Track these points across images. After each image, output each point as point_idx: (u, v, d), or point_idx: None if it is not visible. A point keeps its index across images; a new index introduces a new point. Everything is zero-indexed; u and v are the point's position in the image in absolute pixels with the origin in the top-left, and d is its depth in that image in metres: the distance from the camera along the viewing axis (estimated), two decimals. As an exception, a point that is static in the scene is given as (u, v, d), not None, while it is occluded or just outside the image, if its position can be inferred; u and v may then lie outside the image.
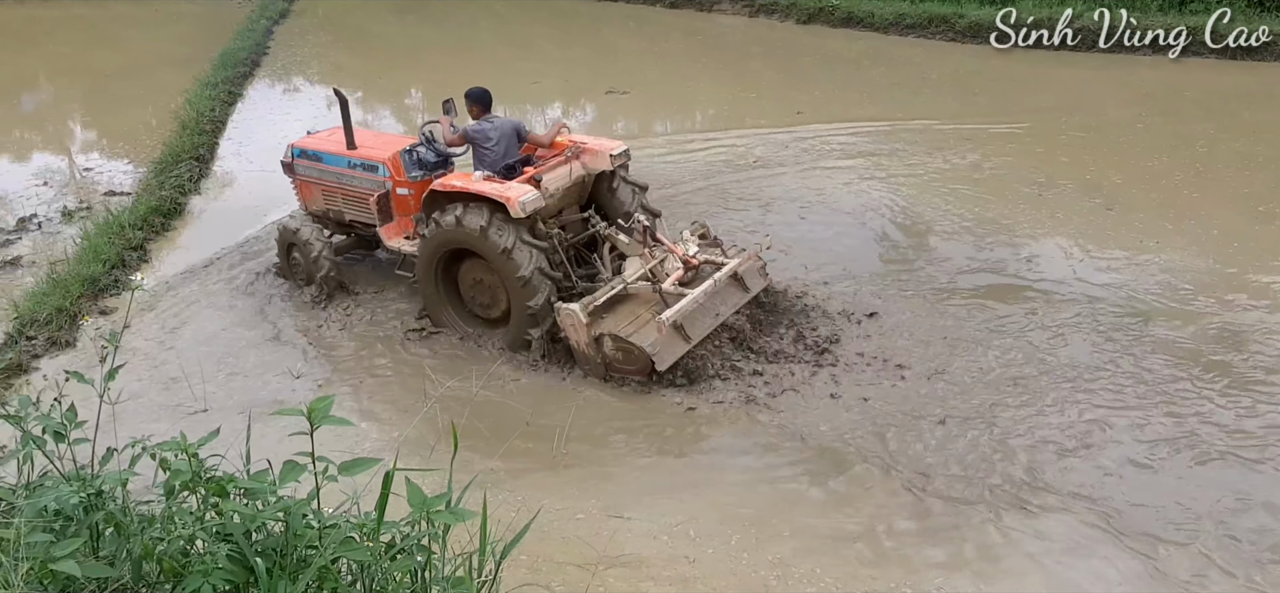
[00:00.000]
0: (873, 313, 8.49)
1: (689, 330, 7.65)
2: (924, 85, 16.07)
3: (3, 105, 18.79)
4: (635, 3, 23.26)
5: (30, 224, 11.73)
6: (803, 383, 7.46)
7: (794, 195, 11.30)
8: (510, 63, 19.05)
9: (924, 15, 19.07)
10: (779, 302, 8.69)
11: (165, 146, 13.35)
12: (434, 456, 3.74)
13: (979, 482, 6.18)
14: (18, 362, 8.26)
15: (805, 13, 20.55)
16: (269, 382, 7.94)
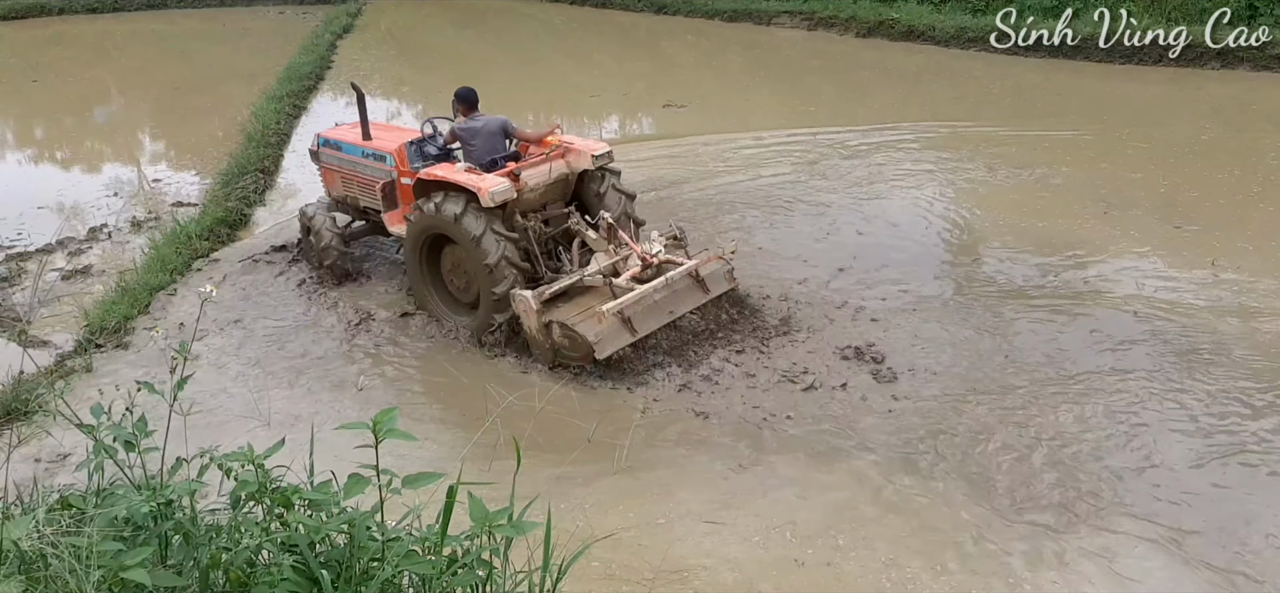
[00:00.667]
0: (928, 324, 8.40)
1: (636, 324, 7.99)
2: (986, 99, 15.87)
3: (75, 117, 19.28)
4: (694, 16, 23.29)
5: (101, 234, 12.00)
6: (858, 396, 7.38)
7: (853, 208, 11.21)
8: (569, 76, 19.16)
9: (986, 28, 18.85)
10: (835, 315, 8.67)
11: (231, 158, 13.59)
12: (495, 469, 3.74)
13: (1043, 497, 6.06)
14: (86, 367, 8.45)
15: (865, 26, 20.43)
16: (332, 393, 8.01)
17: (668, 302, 8.28)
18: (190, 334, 4.18)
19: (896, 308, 8.78)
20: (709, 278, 8.57)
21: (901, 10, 20.42)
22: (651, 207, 11.46)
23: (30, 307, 9.98)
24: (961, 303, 8.86)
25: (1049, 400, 7.17)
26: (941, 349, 8.02)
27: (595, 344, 7.76)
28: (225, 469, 2.61)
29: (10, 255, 11.33)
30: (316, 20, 24.64)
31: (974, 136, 13.62)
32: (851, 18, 20.73)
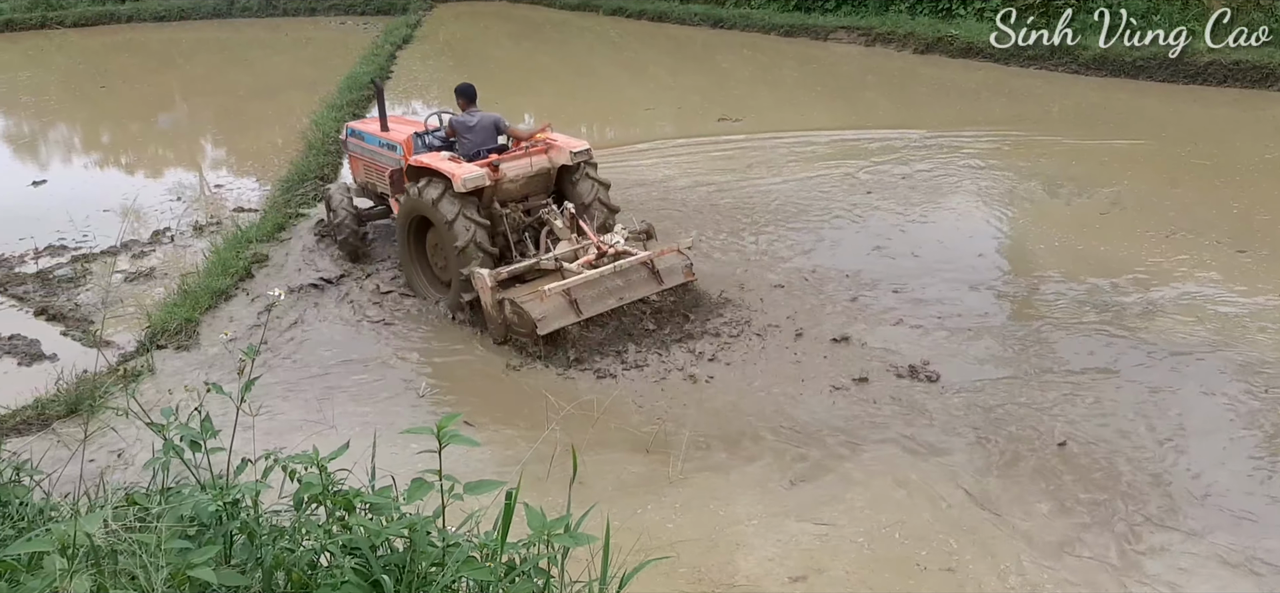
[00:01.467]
0: (980, 343, 8.37)
1: (582, 306, 8.64)
2: (1045, 117, 15.66)
3: (141, 123, 19.71)
4: (751, 31, 23.25)
5: (163, 237, 12.23)
6: (920, 408, 7.32)
7: (906, 225, 11.09)
8: (624, 89, 19.21)
9: (1047, 47, 18.61)
10: (888, 330, 8.69)
11: (292, 165, 13.78)
12: (553, 478, 3.75)
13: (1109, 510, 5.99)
14: (149, 367, 8.61)
15: (923, 43, 20.26)
16: (394, 397, 8.08)
17: (619, 288, 8.91)
18: (258, 337, 4.25)
19: (954, 329, 8.68)
20: (664, 270, 9.14)
21: (960, 27, 20.24)
22: (702, 214, 11.48)
23: (95, 307, 10.19)
24: (1016, 326, 8.74)
25: (1107, 421, 7.05)
26: (996, 369, 7.92)
27: (539, 321, 8.43)
28: (289, 471, 2.64)
29: (76, 257, 11.59)
30: (377, 31, 24.94)
31: (1033, 155, 13.44)
32: (909, 34, 20.58)
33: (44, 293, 10.60)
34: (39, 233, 12.21)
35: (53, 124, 20.05)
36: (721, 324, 9.03)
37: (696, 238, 9.81)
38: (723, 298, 9.53)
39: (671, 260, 9.25)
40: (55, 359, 9.08)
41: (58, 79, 24.27)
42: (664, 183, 13.01)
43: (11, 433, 7.35)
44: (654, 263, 9.11)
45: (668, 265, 9.21)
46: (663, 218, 11.58)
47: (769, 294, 9.60)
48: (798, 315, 9.10)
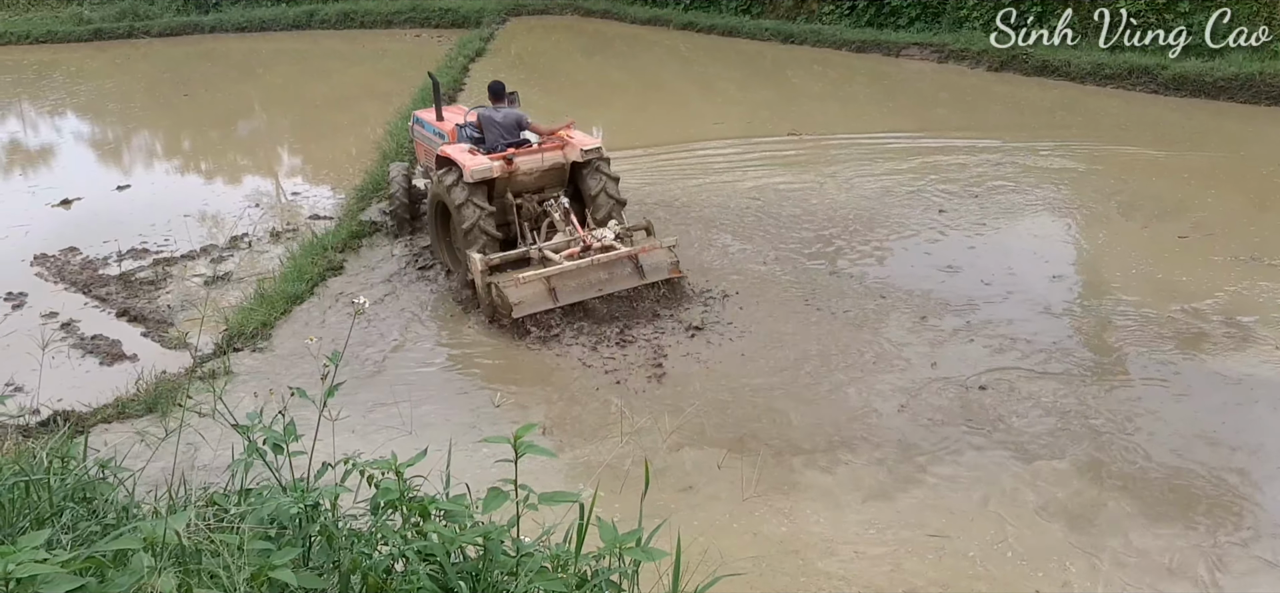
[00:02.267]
0: (1050, 372, 8.20)
1: (559, 294, 9.34)
2: (1122, 137, 15.31)
3: (221, 131, 20.16)
4: (821, 46, 23.08)
5: (241, 243, 12.49)
6: (997, 425, 7.20)
7: (978, 247, 10.91)
8: (693, 103, 19.18)
9: (1124, 66, 18.20)
10: (954, 351, 8.60)
11: (366, 174, 13.99)
12: (625, 490, 3.74)
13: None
14: (226, 369, 8.79)
15: (996, 60, 19.94)
16: (472, 404, 8.15)
17: (602, 280, 9.54)
18: (341, 343, 4.31)
19: (1027, 351, 8.53)
20: (648, 266, 9.71)
21: (1036, 44, 19.90)
22: (765, 225, 11.43)
23: (175, 309, 10.44)
24: (1093, 349, 8.57)
25: (1188, 446, 6.87)
26: (1071, 390, 7.77)
27: (515, 305, 9.19)
28: (367, 476, 2.67)
29: (158, 260, 11.88)
30: (450, 43, 25.25)
31: (1109, 176, 13.14)
32: (983, 52, 20.27)
33: (126, 295, 10.89)
34: (123, 236, 12.56)
35: (137, 130, 20.62)
36: (787, 334, 8.98)
37: (678, 240, 10.39)
38: (792, 312, 9.47)
39: (657, 257, 9.78)
40: (135, 359, 9.33)
41: (143, 87, 24.94)
42: (727, 190, 12.97)
43: (93, 429, 7.55)
44: (638, 259, 9.67)
45: (653, 262, 9.74)
46: (715, 228, 11.58)
47: (838, 309, 9.52)
48: (867, 332, 9.01)
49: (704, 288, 10.15)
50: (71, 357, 9.50)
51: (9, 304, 10.84)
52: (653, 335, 9.17)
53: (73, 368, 9.27)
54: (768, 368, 8.51)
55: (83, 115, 22.04)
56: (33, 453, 3.52)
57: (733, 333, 9.20)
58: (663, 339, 9.10)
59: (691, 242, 11.33)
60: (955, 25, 21.84)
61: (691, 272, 10.35)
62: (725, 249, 11.24)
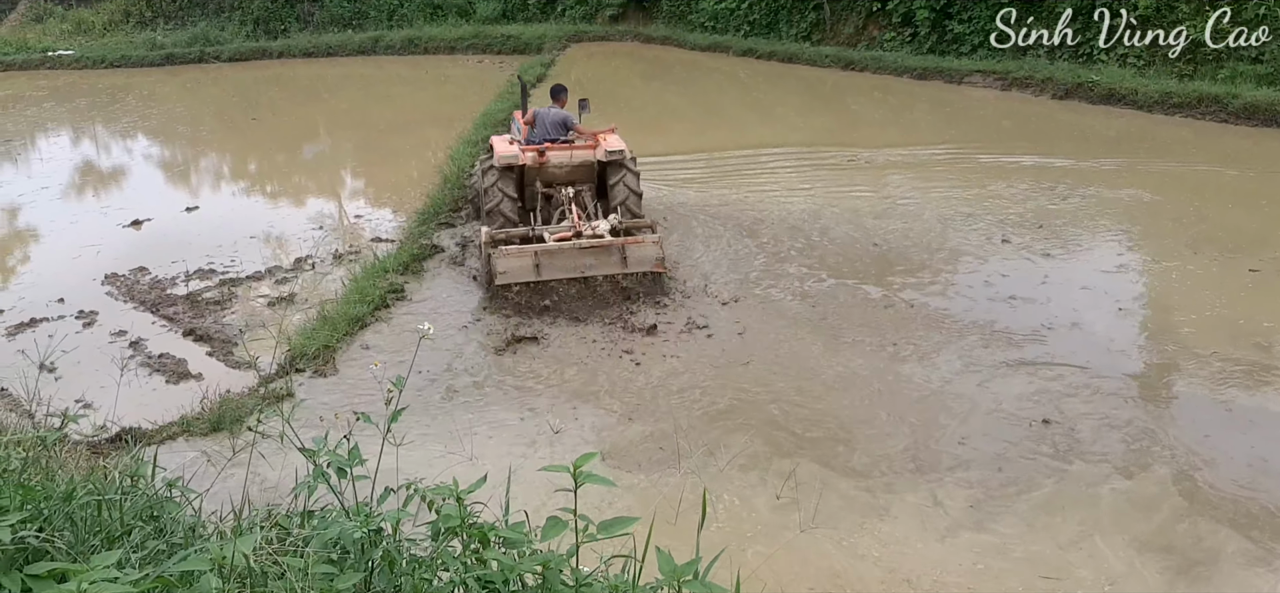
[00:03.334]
0: (1121, 410, 8.03)
1: (543, 270, 10.41)
2: (1192, 167, 15.03)
3: (287, 154, 20.54)
4: (882, 73, 22.98)
5: (305, 264, 12.68)
6: (1064, 458, 7.07)
7: (1039, 277, 10.74)
8: (752, 128, 19.15)
9: (1193, 94, 17.88)
10: (1025, 386, 8.37)
11: (428, 198, 14.15)
12: (683, 520, 3.73)
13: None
14: (288, 390, 8.92)
15: (1062, 88, 19.71)
16: (531, 432, 8.18)
17: (587, 264, 10.52)
18: (406, 368, 4.34)
19: (1088, 388, 8.38)
20: (632, 257, 10.59)
21: (1101, 73, 19.64)
22: (823, 249, 11.36)
23: (239, 330, 10.62)
24: (1160, 388, 8.40)
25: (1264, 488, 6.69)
26: (1136, 429, 7.62)
27: (499, 274, 10.40)
28: (429, 502, 2.69)
29: (223, 281, 12.11)
30: (512, 69, 25.51)
31: (1178, 207, 12.89)
32: (1048, 79, 20.05)
33: (192, 314, 11.11)
34: (190, 257, 12.82)
35: (205, 153, 21.06)
36: (845, 362, 8.91)
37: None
38: (847, 340, 9.40)
39: (642, 251, 10.66)
40: (200, 378, 9.50)
41: (212, 110, 25.51)
42: (781, 209, 12.92)
43: (159, 445, 7.70)
44: (624, 249, 10.56)
45: (638, 255, 10.64)
46: (779, 255, 11.53)
47: (898, 338, 9.43)
48: (927, 361, 8.92)
49: (757, 313, 10.12)
50: (139, 375, 9.70)
51: (80, 322, 11.11)
52: (709, 365, 9.15)
53: (140, 386, 9.47)
54: (827, 394, 8.46)
55: (154, 138, 22.58)
56: (105, 472, 3.60)
57: (790, 359, 9.15)
58: (717, 370, 9.08)
59: (752, 268, 11.32)
60: (1018, 53, 21.65)
61: (746, 297, 10.33)
62: (782, 270, 11.19)
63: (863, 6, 25.22)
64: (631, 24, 30.30)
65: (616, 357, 9.42)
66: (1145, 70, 19.52)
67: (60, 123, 24.85)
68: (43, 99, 27.35)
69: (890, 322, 9.90)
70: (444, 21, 32.43)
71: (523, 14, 32.44)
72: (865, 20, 25.27)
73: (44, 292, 11.95)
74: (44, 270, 13.19)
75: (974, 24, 22.81)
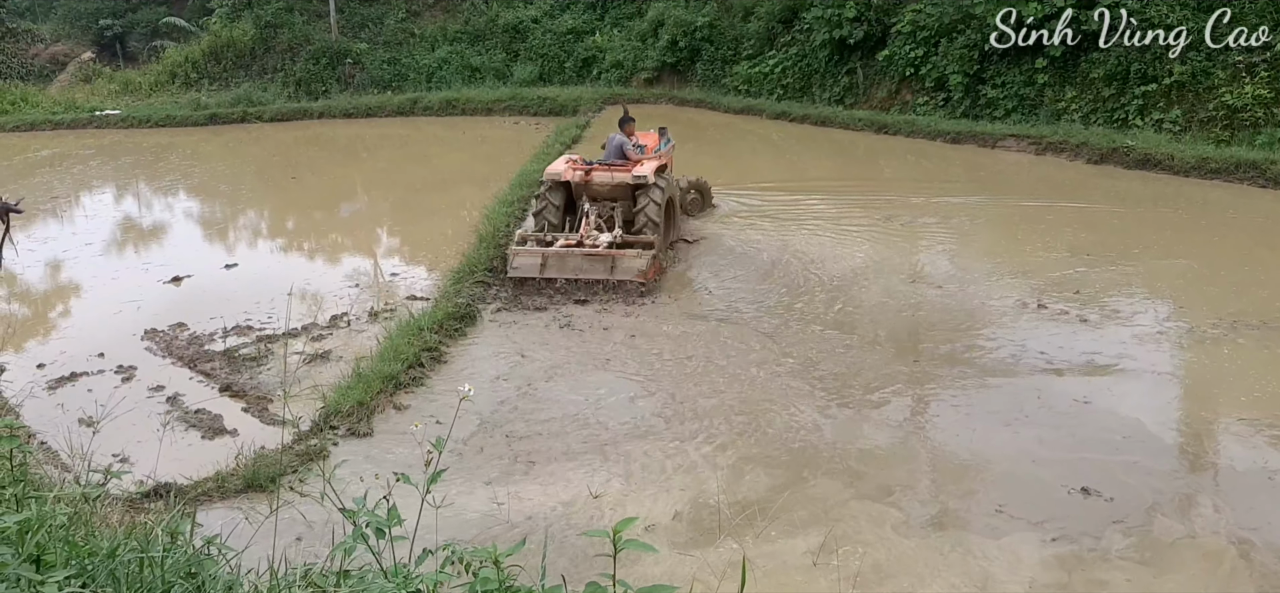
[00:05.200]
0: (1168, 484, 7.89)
1: (548, 268, 12.89)
2: (1231, 234, 14.89)
3: (325, 212, 20.82)
4: (916, 137, 22.98)
5: (340, 322, 12.81)
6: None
7: (1074, 349, 10.61)
8: (785, 182, 19.17)
9: (1231, 160, 17.75)
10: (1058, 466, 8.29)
11: (463, 257, 14.27)
12: (724, 583, 3.74)
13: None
14: (322, 448, 8.98)
15: (1096, 153, 19.63)
16: (569, 493, 8.17)
17: (582, 267, 12.83)
18: (446, 429, 4.37)
19: (1133, 464, 8.29)
20: (618, 267, 12.64)
21: (1137, 137, 19.57)
22: (852, 318, 11.33)
23: (275, 387, 10.73)
24: (1194, 468, 8.28)
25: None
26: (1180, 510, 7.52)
27: (514, 267, 12.99)
28: (467, 565, 2.70)
29: (260, 337, 12.25)
30: (548, 130, 25.79)
31: (1215, 275, 12.72)
32: (1082, 144, 19.99)
33: (229, 370, 11.24)
34: (228, 313, 12.99)
35: (245, 211, 21.41)
36: (880, 426, 8.86)
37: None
38: (878, 399, 9.36)
39: (628, 263, 12.64)
40: (236, 434, 9.59)
41: (253, 169, 25.95)
42: (815, 273, 12.91)
43: (197, 502, 7.76)
44: (613, 260, 12.66)
45: (624, 265, 12.64)
46: (808, 317, 11.52)
47: (934, 398, 9.38)
48: (961, 426, 8.85)
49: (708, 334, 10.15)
50: (175, 430, 9.80)
51: (119, 377, 11.26)
52: (751, 435, 9.14)
53: (175, 441, 9.56)
54: (856, 454, 8.41)
55: (195, 195, 22.98)
56: (146, 529, 3.65)
57: (814, 429, 9.12)
58: (754, 438, 9.06)
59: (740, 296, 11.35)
60: (1053, 118, 21.65)
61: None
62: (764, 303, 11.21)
63: (896, 71, 25.33)
64: (666, 87, 30.58)
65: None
66: (1181, 136, 19.43)
67: (105, 180, 25.35)
68: (89, 157, 27.93)
69: (910, 379, 9.85)
70: (481, 84, 32.89)
71: (559, 77, 32.85)
72: (898, 85, 25.38)
73: (85, 346, 12.13)
74: (85, 325, 13.41)
75: (1007, 89, 22.85)
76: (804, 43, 27.82)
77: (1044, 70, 22.03)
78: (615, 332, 11.80)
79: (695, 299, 12.91)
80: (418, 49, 35.28)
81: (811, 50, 27.41)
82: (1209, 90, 19.62)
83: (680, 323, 11.95)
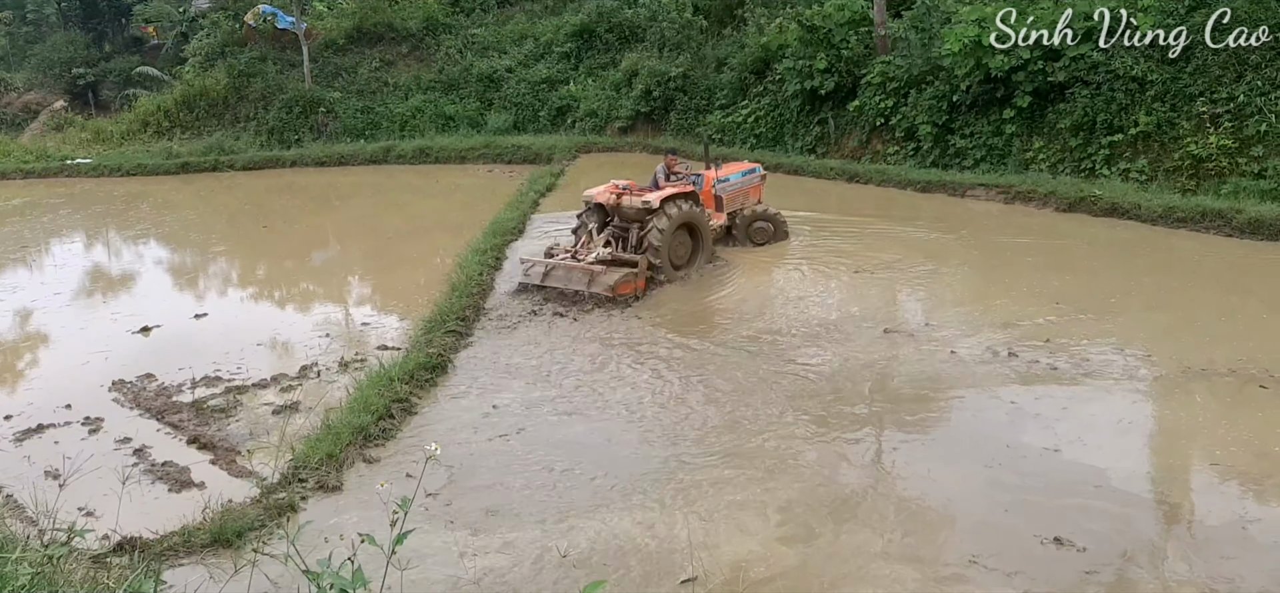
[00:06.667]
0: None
1: (547, 279, 14.92)
2: (1197, 283, 15.06)
3: (296, 260, 20.72)
4: (886, 186, 23.15)
5: (310, 372, 12.70)
6: None
7: (1047, 407, 10.61)
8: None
9: (1197, 209, 17.97)
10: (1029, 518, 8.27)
11: (435, 306, 14.20)
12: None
13: None
14: (290, 502, 8.87)
15: (1065, 202, 19.83)
16: (536, 554, 8.09)
17: (565, 277, 14.76)
18: (412, 489, 4.31)
19: (1104, 513, 8.30)
20: (596, 281, 14.42)
21: (1104, 187, 19.80)
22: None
23: (244, 438, 10.61)
24: (1167, 518, 8.31)
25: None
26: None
27: (522, 276, 15.36)
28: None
29: (229, 388, 12.13)
30: (522, 178, 25.82)
31: (1184, 323, 12.84)
32: (1051, 193, 20.20)
33: (197, 422, 11.12)
34: (197, 363, 12.86)
35: (216, 260, 21.26)
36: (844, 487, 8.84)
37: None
38: (846, 449, 9.34)
39: (603, 278, 14.41)
40: (203, 487, 9.47)
41: (224, 218, 25.82)
42: (760, 294, 12.93)
43: (162, 559, 7.64)
44: (591, 274, 14.48)
45: (601, 280, 14.39)
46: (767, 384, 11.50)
47: (898, 461, 9.37)
48: (932, 480, 8.85)
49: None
50: (142, 483, 9.67)
51: (86, 428, 11.11)
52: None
53: (143, 494, 9.43)
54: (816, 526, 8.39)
55: (166, 244, 22.82)
56: (108, 588, 3.57)
57: (772, 473, 9.10)
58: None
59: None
60: (1021, 167, 21.90)
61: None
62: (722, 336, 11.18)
63: (867, 121, 25.60)
64: (640, 135, 30.77)
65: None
66: (1147, 185, 19.70)
67: (75, 229, 25.18)
68: (59, 206, 27.74)
69: (881, 427, 9.86)
70: (455, 132, 33.02)
71: (533, 125, 33.03)
72: (869, 135, 25.65)
73: (52, 397, 11.98)
74: (53, 376, 13.25)
75: (976, 139, 23.13)
76: (776, 93, 28.13)
77: (1012, 120, 22.32)
78: (585, 368, 11.78)
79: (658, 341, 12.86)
80: (391, 97, 35.40)
81: (784, 100, 27.71)
82: (1174, 140, 19.94)
83: (644, 362, 11.92)
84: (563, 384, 11.70)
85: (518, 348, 12.99)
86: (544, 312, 14.40)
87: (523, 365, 12.36)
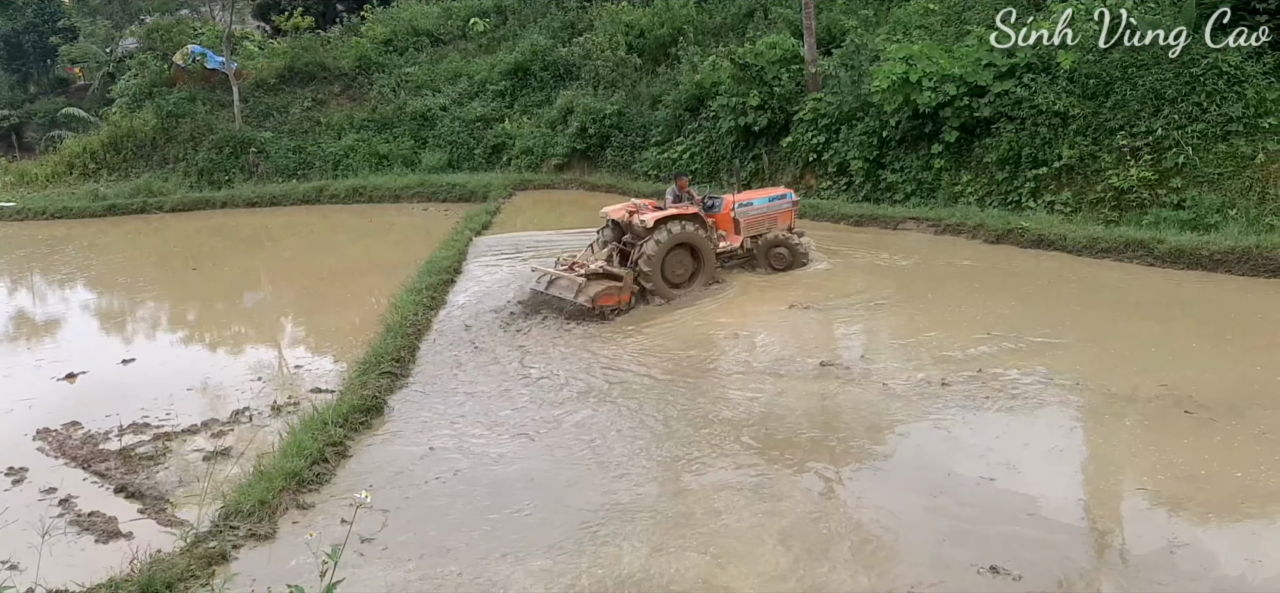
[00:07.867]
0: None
1: (550, 288, 15.63)
2: (1121, 310, 15.41)
3: (226, 303, 20.39)
4: (821, 219, 23.35)
5: (242, 416, 12.48)
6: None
7: (980, 436, 10.78)
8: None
9: (1120, 239, 18.42)
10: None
11: (370, 347, 14.04)
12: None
13: None
14: (221, 551, 8.67)
15: (993, 234, 20.22)
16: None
17: (562, 288, 15.37)
18: (342, 536, 4.23)
19: (1038, 541, 8.42)
20: (580, 293, 15.07)
21: (1030, 219, 20.23)
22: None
23: (173, 486, 10.38)
24: (1099, 545, 8.46)
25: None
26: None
27: (536, 282, 16.06)
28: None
29: (158, 434, 11.88)
30: (457, 217, 25.72)
31: (1112, 351, 13.11)
32: (980, 225, 20.59)
33: (124, 471, 10.86)
34: (125, 410, 12.58)
35: (144, 303, 20.85)
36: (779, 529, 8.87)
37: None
38: (785, 486, 9.39)
39: (587, 290, 15.10)
40: (131, 538, 9.23)
41: (153, 261, 25.35)
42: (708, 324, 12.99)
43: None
44: (578, 286, 15.12)
45: (585, 291, 15.10)
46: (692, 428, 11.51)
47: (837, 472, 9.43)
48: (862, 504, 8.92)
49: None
50: (67, 534, 9.41)
51: (9, 479, 10.80)
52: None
53: (68, 546, 9.18)
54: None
55: (92, 288, 22.36)
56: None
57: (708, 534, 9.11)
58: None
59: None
60: (950, 200, 22.32)
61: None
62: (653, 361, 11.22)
63: (800, 156, 25.93)
64: (576, 173, 30.86)
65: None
66: (1072, 217, 20.18)
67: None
68: (-21, 250, 27.04)
69: (819, 459, 9.92)
70: (389, 171, 32.83)
71: (469, 164, 32.97)
72: (802, 170, 25.97)
73: (-28, 449, 11.61)
74: (-28, 427, 12.85)
75: (906, 173, 23.54)
76: (711, 129, 28.41)
77: (940, 155, 22.76)
78: (525, 406, 11.73)
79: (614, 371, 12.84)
80: (324, 137, 35.12)
81: (718, 137, 28.00)
82: (1097, 173, 20.45)
83: (585, 399, 11.89)
84: (502, 424, 11.61)
85: (457, 388, 12.88)
86: (487, 346, 14.49)
87: (461, 406, 12.25)
